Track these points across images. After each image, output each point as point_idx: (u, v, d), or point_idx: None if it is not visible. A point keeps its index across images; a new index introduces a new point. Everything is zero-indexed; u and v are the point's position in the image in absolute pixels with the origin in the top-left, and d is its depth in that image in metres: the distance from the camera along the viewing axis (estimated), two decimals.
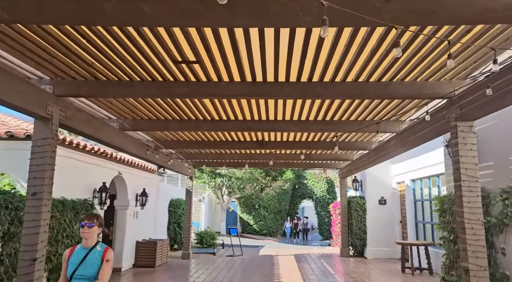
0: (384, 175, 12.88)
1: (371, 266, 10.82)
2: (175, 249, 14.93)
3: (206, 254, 14.15)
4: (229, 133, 8.71)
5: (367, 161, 9.70)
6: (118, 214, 10.64)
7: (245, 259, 12.82)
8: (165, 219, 14.55)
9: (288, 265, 11.30)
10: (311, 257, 13.07)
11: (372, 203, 12.78)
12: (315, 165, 13.72)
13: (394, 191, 12.73)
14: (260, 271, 10.32)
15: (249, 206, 24.69)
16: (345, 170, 12.81)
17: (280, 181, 25.22)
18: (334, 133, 8.32)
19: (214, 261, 12.36)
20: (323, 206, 24.72)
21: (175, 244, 14.97)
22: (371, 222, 12.67)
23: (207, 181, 22.65)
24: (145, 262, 11.06)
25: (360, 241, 12.73)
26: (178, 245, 14.88)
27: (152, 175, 12.56)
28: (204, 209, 23.97)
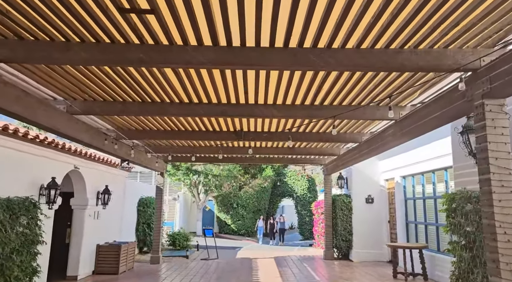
0: (371, 171, 12.01)
1: (358, 271, 9.89)
2: (144, 252, 13.65)
3: (179, 257, 12.94)
4: (201, 121, 7.55)
5: (357, 154, 8.74)
6: (75, 214, 9.31)
7: (221, 263, 11.69)
8: (133, 219, 13.24)
9: (268, 270, 10.24)
10: (292, 260, 12.06)
11: (359, 201, 11.88)
12: (298, 161, 12.72)
13: (382, 189, 11.87)
14: (237, 277, 9.22)
15: (227, 205, 23.53)
16: (330, 166, 11.86)
17: (260, 179, 24.17)
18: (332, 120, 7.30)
19: (186, 266, 11.18)
20: (304, 205, 23.82)
21: (144, 247, 13.70)
22: (357, 222, 11.77)
23: (182, 178, 21.34)
24: (106, 269, 9.77)
25: (346, 243, 11.81)
26: (148, 247, 13.60)
27: (118, 170, 11.24)
28: (179, 208, 22.66)
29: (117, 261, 9.80)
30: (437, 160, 8.28)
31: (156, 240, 11.92)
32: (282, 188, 24.78)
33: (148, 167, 10.91)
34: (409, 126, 5.77)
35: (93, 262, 9.72)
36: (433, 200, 8.79)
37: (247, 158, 12.39)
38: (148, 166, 10.83)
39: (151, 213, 13.66)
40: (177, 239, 14.76)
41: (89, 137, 6.88)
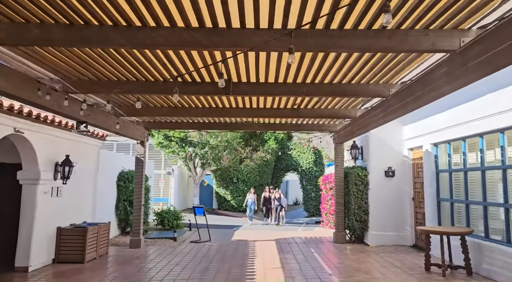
0: (393, 139, 9.98)
1: (377, 259, 8.04)
2: (127, 232, 11.91)
3: (166, 239, 11.19)
4: (174, 67, 5.49)
5: (381, 114, 6.69)
6: (25, 191, 7.45)
7: (213, 247, 9.91)
8: (112, 196, 11.43)
9: (267, 258, 8.43)
10: (297, 244, 10.24)
11: (377, 175, 9.92)
12: (304, 127, 10.68)
13: (405, 160, 9.86)
14: (227, 269, 7.41)
15: (226, 179, 21.77)
16: (343, 132, 9.82)
17: (262, 152, 22.26)
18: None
19: (171, 251, 9.41)
20: (310, 179, 22.01)
21: (127, 227, 11.96)
22: (374, 200, 9.85)
23: (176, 151, 19.47)
24: (70, 256, 8.02)
25: (360, 224, 9.93)
26: (131, 228, 11.85)
27: (86, 137, 9.31)
28: (174, 183, 20.93)
29: (83, 247, 8.02)
30: (490, 119, 6.22)
31: (136, 221, 10.12)
32: (286, 161, 22.91)
33: (122, 133, 8.96)
34: (479, 56, 3.68)
35: (54, 249, 7.96)
36: (480, 172, 6.78)
37: (242, 123, 10.39)
38: (122, 132, 8.86)
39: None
40: (166, 218, 13.01)
41: (10, 85, 4.87)
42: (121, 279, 6.64)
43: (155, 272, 7.15)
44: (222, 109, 8.50)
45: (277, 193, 16.65)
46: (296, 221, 19.68)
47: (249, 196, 17.24)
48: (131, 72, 5.90)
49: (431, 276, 6.50)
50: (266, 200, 16.78)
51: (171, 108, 8.48)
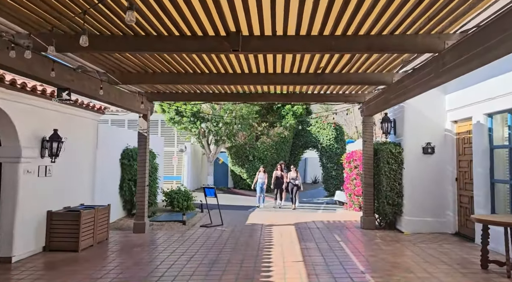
0: (432, 110, 8.54)
1: (418, 251, 6.81)
2: (133, 214, 10.99)
3: (173, 222, 10.21)
4: (170, 19, 4.22)
5: (431, 75, 5.28)
6: (4, 170, 6.45)
7: (225, 233, 8.87)
8: (116, 176, 10.46)
9: (285, 247, 7.31)
10: (319, 229, 9.09)
11: (413, 152, 8.55)
12: (327, 98, 9.30)
13: (448, 134, 8.45)
14: (239, 259, 6.34)
15: (242, 157, 20.65)
16: (373, 103, 8.43)
17: (279, 128, 20.96)
18: None
19: (178, 237, 8.41)
20: (330, 157, 20.69)
21: (133, 209, 11.02)
22: (410, 180, 8.53)
23: (188, 127, 18.38)
24: (62, 244, 7.09)
25: (392, 208, 8.66)
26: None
27: (80, 110, 8.24)
28: (187, 160, 19.97)
29: (77, 233, 7.07)
30: None
31: (140, 203, 9.12)
32: (305, 138, 21.59)
33: (118, 104, 7.81)
34: None
35: (44, 236, 7.03)
36: None
37: (257, 94, 9.12)
38: (118, 103, 7.72)
39: None
40: (175, 199, 12.03)
41: None
42: (114, 274, 5.63)
43: (155, 265, 6.13)
44: (232, 75, 7.21)
45: (294, 172, 14.42)
46: (315, 201, 18.59)
47: (259, 175, 14.74)
48: (116, 25, 4.66)
49: (491, 277, 5.23)
50: (278, 180, 14.60)
51: (173, 74, 7.24)
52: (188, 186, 19.65)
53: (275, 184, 14.58)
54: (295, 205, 13.99)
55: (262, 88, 8.66)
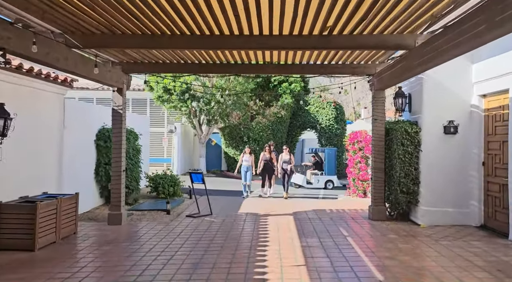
0: (456, 82, 7.28)
1: (442, 250, 5.66)
2: None
3: (157, 211, 9.03)
4: None
5: (477, 29, 3.98)
6: None
7: (213, 225, 7.71)
8: (90, 159, 9.20)
9: (283, 245, 6.15)
10: (321, 221, 7.94)
11: (432, 131, 7.33)
12: (332, 69, 8.00)
13: (475, 111, 7.21)
14: (227, 262, 5.17)
15: (236, 138, 19.42)
16: (387, 74, 7.13)
17: (275, 107, 19.67)
18: None
19: (158, 230, 7.23)
20: (330, 138, 19.56)
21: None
22: (428, 165, 7.34)
23: (178, 106, 17.04)
24: (14, 241, 5.87)
25: (407, 196, 7.49)
26: None
27: (39, 81, 6.90)
28: (177, 142, 18.71)
29: (33, 228, 5.86)
30: None
31: (115, 191, 7.90)
32: (303, 118, 20.37)
33: (82, 74, 6.45)
34: None
35: None
36: None
37: (250, 65, 7.80)
38: (81, 72, 6.36)
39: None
40: (161, 184, 10.82)
41: None
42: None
43: (122, 270, 4.94)
44: (218, 38, 5.86)
45: (286, 153, 12.18)
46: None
47: (243, 157, 12.26)
48: None
49: None
50: (267, 164, 12.20)
51: (146, 37, 5.88)
52: (178, 169, 18.52)
53: (262, 169, 12.18)
54: (286, 193, 11.80)
55: (255, 55, 7.32)
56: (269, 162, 12.17)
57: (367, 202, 10.06)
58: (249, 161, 12.09)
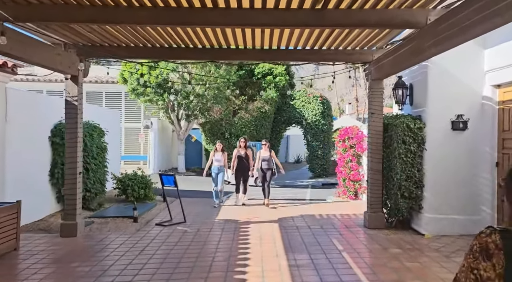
0: (465, 70, 6.34)
1: (457, 269, 4.71)
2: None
3: (122, 219, 7.86)
4: None
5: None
6: None
7: (185, 237, 6.59)
8: (43, 159, 7.93)
9: (267, 265, 5.09)
10: (311, 230, 6.90)
11: (438, 127, 6.38)
12: (323, 55, 6.95)
13: (487, 103, 6.29)
14: None
15: (217, 134, 18.22)
16: (389, 60, 6.13)
17: (259, 101, 18.57)
18: None
19: (119, 244, 6.09)
20: (316, 134, 18.58)
21: None
22: (433, 165, 6.38)
23: (153, 99, 15.76)
24: None
25: (409, 201, 6.53)
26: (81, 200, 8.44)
27: None
28: (153, 138, 17.45)
29: None
30: None
31: (70, 197, 6.69)
32: (288, 113, 19.31)
33: (17, 56, 5.21)
34: None
35: None
36: None
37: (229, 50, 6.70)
38: (16, 53, 5.12)
39: (83, 147, 8.30)
40: (130, 186, 9.61)
41: None
42: None
43: None
44: (187, 11, 4.72)
45: (266, 149, 9.75)
46: (299, 183, 16.58)
47: (214, 156, 9.61)
48: None
49: None
50: (241, 162, 9.71)
51: (97, 8, 4.71)
52: (155, 167, 17.28)
53: (236, 168, 9.75)
54: (268, 200, 9.56)
55: (234, 38, 6.19)
56: (243, 160, 9.73)
57: (359, 204, 9.13)
58: (222, 160, 9.50)
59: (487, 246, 1.21)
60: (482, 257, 1.21)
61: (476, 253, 1.24)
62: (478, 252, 1.24)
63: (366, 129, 10.33)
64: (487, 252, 1.21)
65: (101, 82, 18.87)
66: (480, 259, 1.22)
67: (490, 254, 1.20)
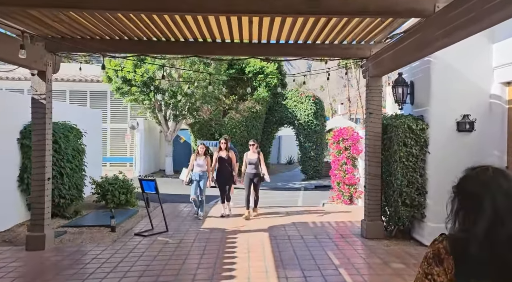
0: (472, 67, 5.82)
1: None
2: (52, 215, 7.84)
3: (99, 228, 7.22)
4: None
5: None
6: None
7: (166, 249, 5.98)
8: (11, 163, 7.24)
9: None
10: (304, 241, 6.31)
11: (442, 128, 5.86)
12: (316, 50, 6.38)
13: (495, 103, 5.77)
14: None
15: (206, 135, 17.60)
16: (389, 54, 5.57)
17: (250, 101, 18.00)
18: None
19: (91, 258, 5.46)
20: (309, 135, 18.07)
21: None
22: (437, 170, 5.84)
23: (139, 99, 15.09)
24: None
25: (410, 210, 5.99)
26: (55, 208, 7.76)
27: None
28: (140, 139, 16.77)
29: None
30: None
31: (38, 205, 6.03)
32: (280, 113, 18.77)
33: None
34: None
35: None
36: None
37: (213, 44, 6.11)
38: None
39: (56, 149, 7.65)
40: (110, 192, 8.94)
41: None
42: None
43: None
44: None
45: (254, 152, 8.24)
46: (292, 186, 16.06)
47: (196, 160, 8.19)
48: None
49: None
50: (222, 165, 8.25)
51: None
52: (142, 169, 16.60)
53: (217, 174, 8.30)
54: (252, 210, 8.25)
55: (220, 30, 5.59)
56: (225, 163, 8.28)
57: (355, 210, 8.61)
58: (204, 165, 8.13)
59: (439, 251, 1.28)
60: (435, 262, 1.28)
61: (430, 259, 1.30)
62: (431, 258, 1.30)
63: (360, 130, 9.82)
64: (439, 257, 1.27)
65: (85, 81, 18.13)
66: (433, 265, 1.28)
67: (441, 259, 1.27)
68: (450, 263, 1.24)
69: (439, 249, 1.27)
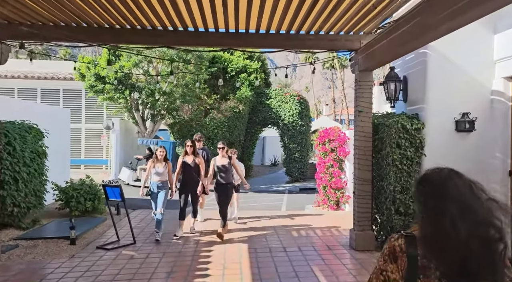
0: (471, 60, 5.27)
1: None
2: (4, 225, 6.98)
3: (57, 240, 6.40)
4: None
5: None
6: None
7: (131, 265, 5.22)
8: None
9: None
10: (287, 255, 5.64)
11: (440, 128, 5.29)
12: (303, 43, 5.74)
13: (497, 99, 5.22)
14: None
15: (187, 136, 16.74)
16: (380, 46, 4.96)
17: (232, 101, 17.30)
18: None
19: (38, 279, 4.66)
20: (293, 136, 17.47)
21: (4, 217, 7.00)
22: None
23: (114, 97, 14.20)
24: None
25: (404, 218, 5.39)
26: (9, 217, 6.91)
27: None
28: (115, 140, 15.88)
29: None
30: None
31: None
32: (264, 113, 18.11)
33: None
34: None
35: None
36: None
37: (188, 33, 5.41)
38: None
39: (10, 151, 6.80)
40: (74, 198, 8.11)
41: None
42: None
43: None
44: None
45: (223, 156, 6.65)
46: (275, 188, 15.45)
47: (155, 167, 6.48)
48: None
49: None
50: (188, 175, 6.67)
51: None
52: (117, 172, 15.73)
53: (182, 184, 6.79)
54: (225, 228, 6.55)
55: (192, 17, 4.89)
56: (191, 172, 6.67)
57: (342, 216, 8.01)
58: (165, 173, 6.50)
59: (394, 249, 1.31)
60: (389, 259, 1.31)
61: (386, 256, 1.33)
62: (387, 255, 1.33)
63: (347, 131, 9.24)
64: (394, 254, 1.31)
65: (58, 78, 17.15)
66: (388, 262, 1.31)
67: (396, 256, 1.30)
68: (404, 260, 1.27)
69: (395, 246, 1.30)
